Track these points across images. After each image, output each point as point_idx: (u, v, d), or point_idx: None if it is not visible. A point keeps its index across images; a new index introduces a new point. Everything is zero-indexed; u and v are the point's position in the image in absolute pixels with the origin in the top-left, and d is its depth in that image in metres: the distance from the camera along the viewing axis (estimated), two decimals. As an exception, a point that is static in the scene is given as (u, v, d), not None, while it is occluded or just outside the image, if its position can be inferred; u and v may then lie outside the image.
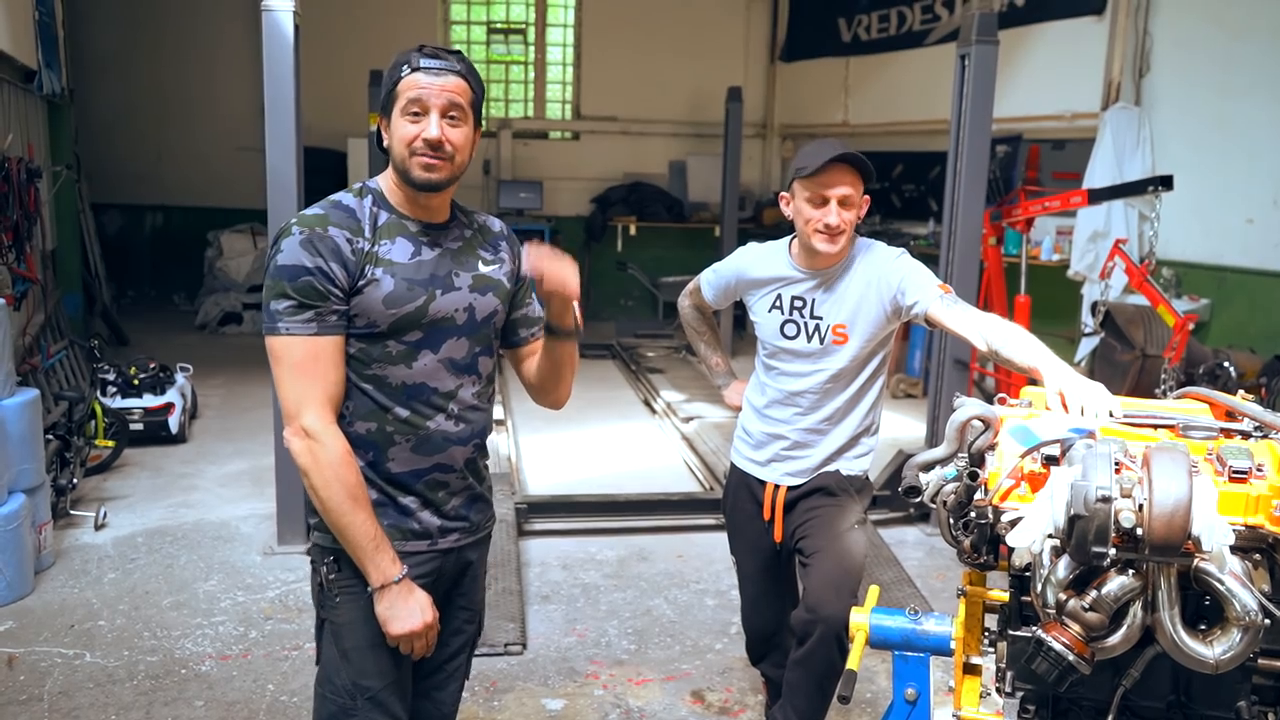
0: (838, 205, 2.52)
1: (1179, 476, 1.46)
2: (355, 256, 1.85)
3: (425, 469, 1.96)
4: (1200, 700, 1.65)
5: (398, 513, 1.96)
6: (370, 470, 1.92)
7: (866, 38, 9.97)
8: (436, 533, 2.00)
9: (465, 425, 2.00)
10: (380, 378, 1.91)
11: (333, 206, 1.90)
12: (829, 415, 2.70)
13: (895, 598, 4.06)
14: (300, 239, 1.83)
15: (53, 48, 7.12)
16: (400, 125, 1.88)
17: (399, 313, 1.87)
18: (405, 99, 1.87)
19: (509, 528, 4.63)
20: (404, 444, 1.93)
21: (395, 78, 1.88)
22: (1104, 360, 6.14)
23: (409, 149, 1.87)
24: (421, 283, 1.90)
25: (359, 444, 1.91)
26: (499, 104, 11.50)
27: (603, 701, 3.41)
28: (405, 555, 1.94)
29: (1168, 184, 5.46)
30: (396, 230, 1.92)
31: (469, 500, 2.06)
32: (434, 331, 1.92)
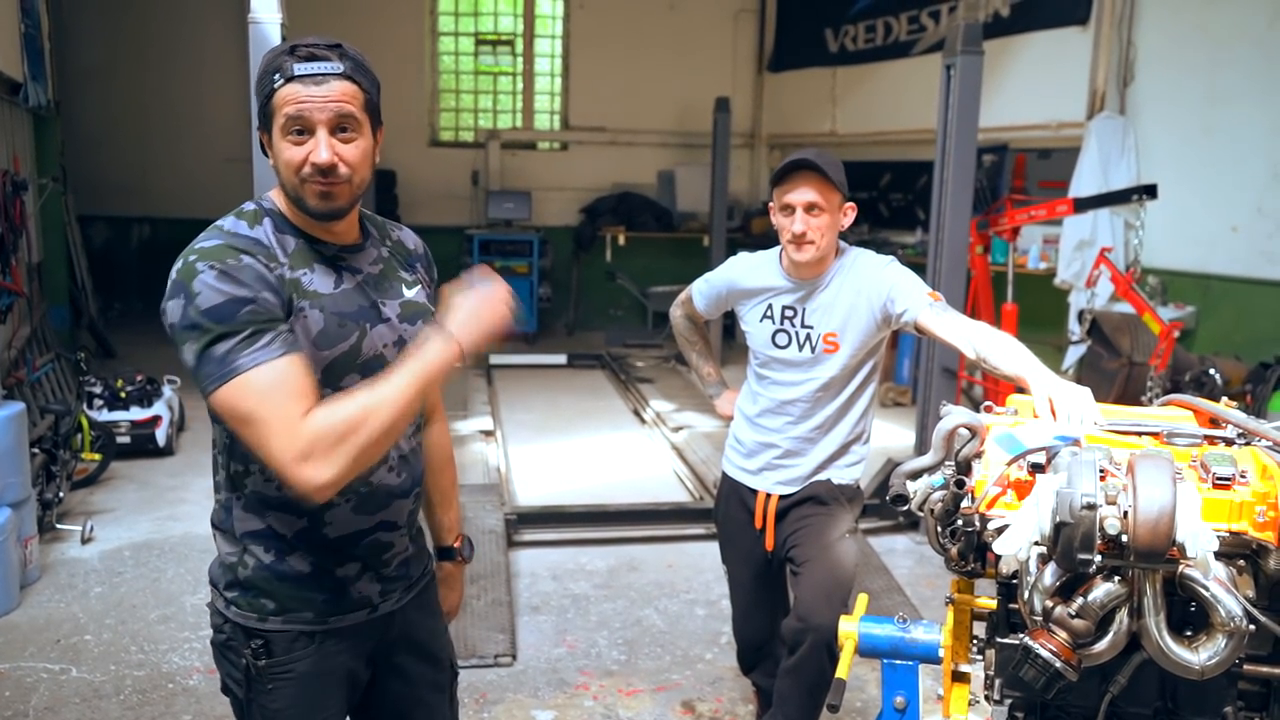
0: (803, 213, 2.54)
1: (1163, 483, 1.47)
2: (280, 284, 1.55)
3: (368, 529, 1.70)
4: (1187, 706, 1.66)
5: (332, 588, 1.69)
6: (301, 540, 1.66)
7: (853, 48, 10.03)
8: (377, 597, 1.75)
9: (405, 475, 1.76)
10: None
11: (232, 236, 1.58)
12: (820, 424, 2.71)
13: (885, 606, 4.06)
14: (214, 274, 1.49)
15: (38, 60, 7.10)
16: (284, 147, 1.57)
17: (332, 354, 1.60)
18: (284, 116, 1.55)
19: (498, 539, 4.62)
20: (344, 505, 1.66)
21: (268, 89, 1.56)
22: (1091, 368, 6.17)
23: (298, 175, 1.57)
24: (352, 316, 1.63)
25: (289, 509, 1.62)
26: (487, 114, 11.52)
27: (593, 712, 3.41)
28: (342, 631, 1.71)
29: (1152, 193, 5.50)
30: (310, 257, 1.63)
31: (409, 557, 1.83)
32: (368, 371, 1.61)
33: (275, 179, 1.65)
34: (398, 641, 1.84)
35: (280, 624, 1.67)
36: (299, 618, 1.68)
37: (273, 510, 1.65)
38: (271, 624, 1.67)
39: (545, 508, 5.20)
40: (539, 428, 7.10)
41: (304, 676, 1.69)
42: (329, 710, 1.74)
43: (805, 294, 2.66)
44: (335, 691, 1.75)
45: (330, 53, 1.58)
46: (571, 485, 5.79)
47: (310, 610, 1.69)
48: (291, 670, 1.68)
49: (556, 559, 4.71)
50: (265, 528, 1.66)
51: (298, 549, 1.67)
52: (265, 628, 1.67)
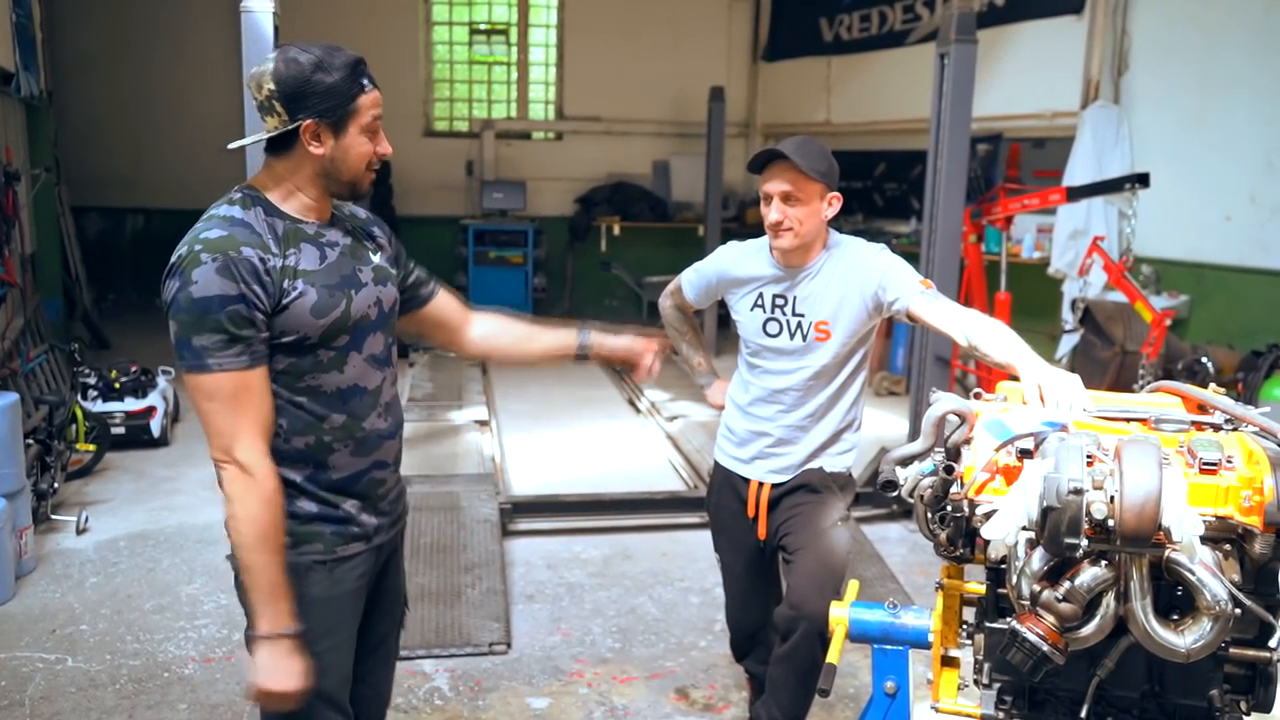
0: (779, 201, 2.54)
1: (1150, 469, 1.49)
2: (271, 275, 1.80)
3: (365, 469, 1.97)
4: (1173, 689, 1.68)
5: (338, 522, 1.96)
6: (310, 483, 1.92)
7: (848, 37, 10.01)
8: (374, 531, 2.02)
9: (391, 418, 2.03)
10: (314, 388, 1.89)
11: (232, 225, 1.81)
12: (812, 412, 2.71)
13: (878, 593, 4.08)
14: (216, 266, 1.73)
15: (30, 50, 7.07)
16: (359, 141, 1.89)
17: (328, 321, 1.86)
18: (370, 116, 1.89)
19: (493, 528, 4.63)
20: (343, 450, 1.93)
21: (355, 92, 1.86)
22: (1084, 357, 6.19)
23: (366, 165, 1.91)
24: (339, 285, 1.90)
25: (297, 459, 1.90)
26: (481, 104, 11.49)
27: (587, 700, 3.42)
28: (348, 559, 1.97)
29: (1145, 181, 5.50)
30: (298, 237, 1.88)
31: (398, 494, 2.11)
32: (358, 331, 1.93)
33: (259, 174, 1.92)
34: (382, 573, 2.10)
35: (295, 556, 1.89)
36: (311, 550, 1.92)
37: (283, 463, 1.88)
38: (289, 556, 1.86)
39: (540, 497, 5.21)
40: (534, 417, 7.11)
41: (318, 600, 1.92)
42: (342, 633, 1.98)
43: (795, 282, 2.66)
44: (346, 616, 1.98)
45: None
46: (566, 474, 5.80)
47: (320, 542, 1.94)
48: (307, 594, 1.89)
49: (551, 548, 4.73)
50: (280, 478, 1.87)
51: (306, 492, 1.92)
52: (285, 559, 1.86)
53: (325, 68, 1.82)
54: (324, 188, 1.91)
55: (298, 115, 1.83)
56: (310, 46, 1.86)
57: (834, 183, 2.60)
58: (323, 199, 1.93)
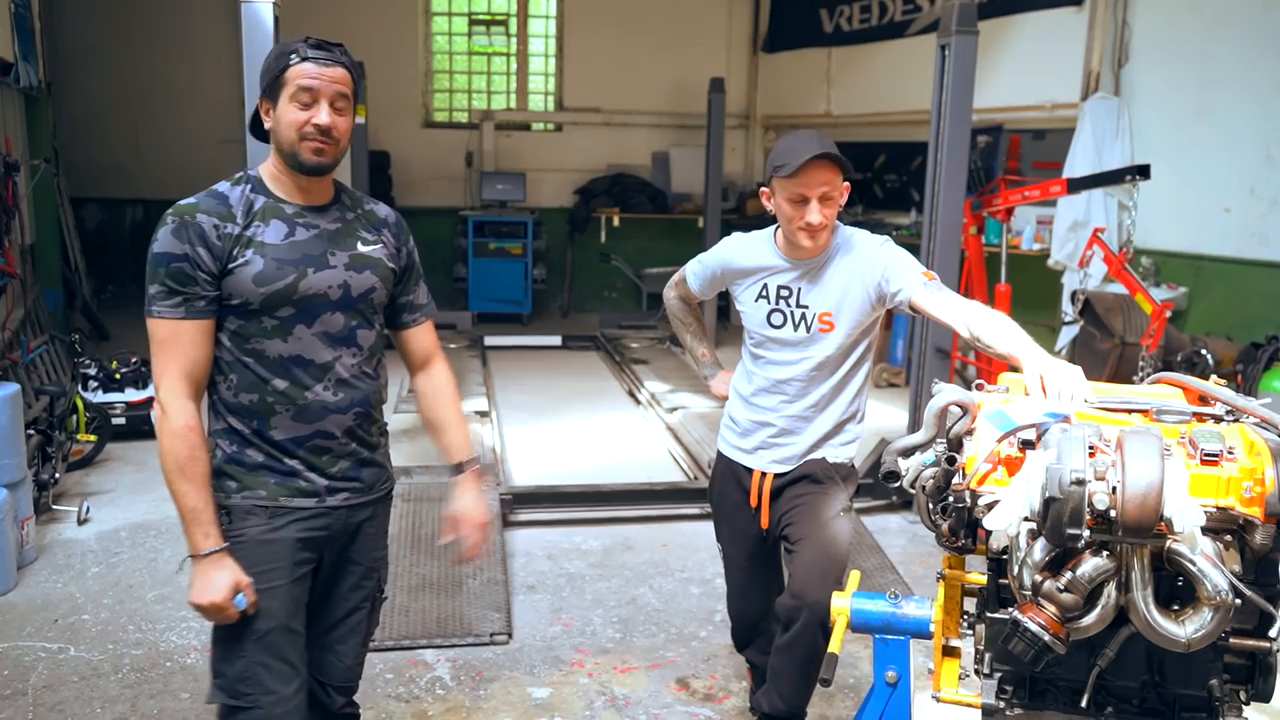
0: (818, 203, 2.53)
1: (1151, 459, 1.49)
2: (222, 241, 1.98)
3: (306, 435, 2.08)
4: (1173, 679, 1.69)
5: (283, 474, 2.08)
6: (256, 437, 2.07)
7: (848, 28, 9.99)
8: (324, 491, 2.11)
9: (344, 394, 2.11)
10: (259, 351, 2.04)
11: (207, 195, 2.03)
12: (815, 402, 2.72)
13: (878, 584, 4.09)
14: (172, 228, 1.97)
15: (29, 40, 7.05)
16: (289, 111, 1.99)
17: (268, 290, 1.99)
18: (295, 86, 1.98)
19: (494, 518, 4.64)
20: (284, 413, 2.06)
21: (283, 65, 1.99)
22: (1084, 348, 6.20)
23: (299, 134, 1.99)
24: (292, 261, 2.02)
25: (243, 413, 2.06)
26: (481, 95, 11.46)
27: (588, 690, 3.44)
28: (292, 510, 2.08)
29: (1145, 173, 5.50)
30: (272, 213, 2.04)
31: (357, 464, 2.17)
32: (307, 307, 2.04)
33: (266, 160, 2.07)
34: (341, 538, 2.17)
35: (240, 499, 2.07)
36: (254, 495, 2.07)
37: (232, 414, 2.07)
38: (234, 499, 2.06)
39: (540, 488, 5.21)
40: (534, 409, 7.12)
41: (254, 541, 2.05)
42: (274, 578, 2.05)
43: (801, 274, 2.67)
44: (280, 563, 2.07)
45: (335, 48, 2.03)
46: (566, 466, 5.81)
47: (264, 489, 2.08)
48: (244, 534, 2.05)
49: (552, 539, 4.74)
50: (227, 426, 2.08)
51: (253, 444, 2.07)
52: (229, 502, 2.06)
53: (273, 51, 2.03)
54: (284, 163, 2.04)
55: (260, 97, 2.05)
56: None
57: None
58: (298, 177, 2.05)
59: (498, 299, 10.23)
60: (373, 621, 2.32)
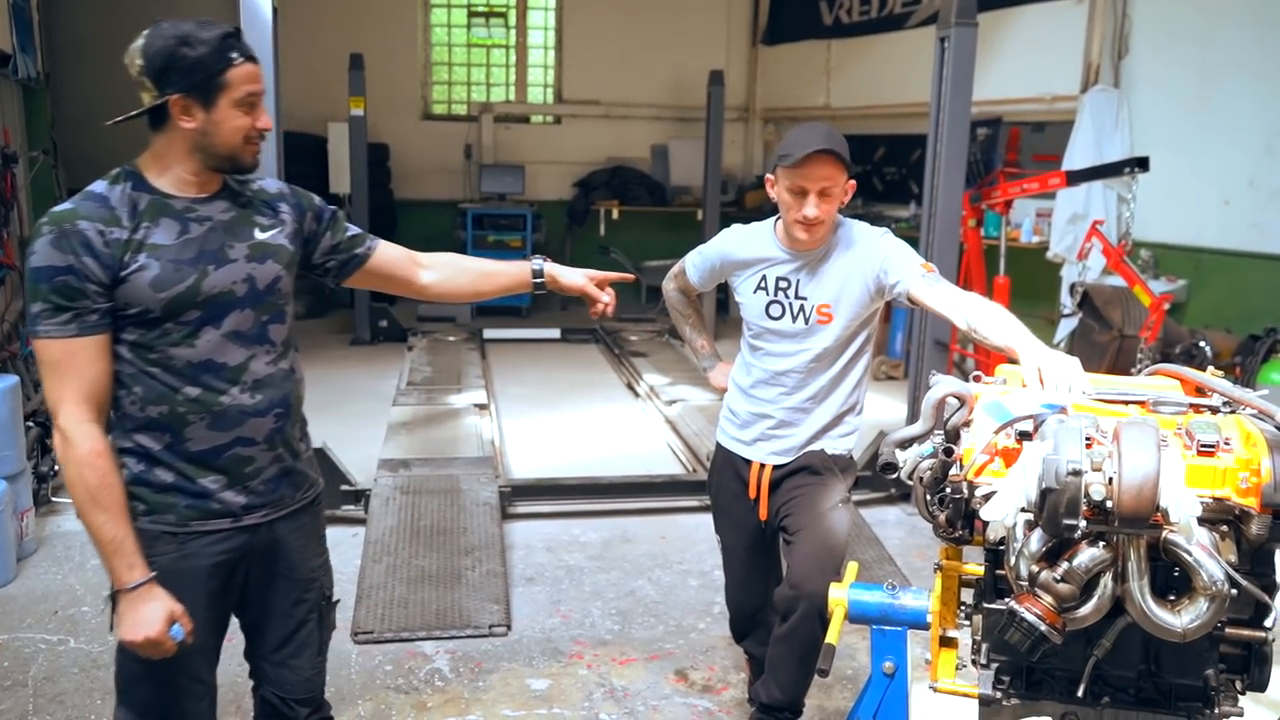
0: (816, 197, 2.53)
1: (1148, 450, 1.50)
2: (110, 248, 1.82)
3: (226, 444, 1.95)
4: (1170, 669, 1.70)
5: (194, 495, 1.95)
6: (167, 453, 1.93)
7: (848, 20, 9.97)
8: (240, 510, 1.99)
9: (262, 396, 1.98)
10: (165, 360, 1.90)
11: (84, 199, 1.87)
12: (813, 394, 2.73)
13: (876, 576, 4.10)
14: (50, 238, 1.80)
15: (27, 31, 7.04)
16: (233, 115, 1.89)
17: (169, 295, 1.86)
18: (244, 91, 1.90)
19: (493, 511, 4.65)
20: (199, 422, 1.92)
21: (223, 65, 1.87)
22: (1082, 341, 6.20)
23: (245, 139, 1.92)
24: (189, 261, 1.88)
25: (153, 427, 1.91)
26: (480, 87, 11.45)
27: (587, 681, 3.45)
28: (205, 534, 1.96)
29: (1144, 165, 5.50)
30: (159, 211, 1.89)
31: (279, 474, 2.05)
32: (212, 307, 1.91)
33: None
34: (265, 555, 2.07)
35: (148, 523, 1.93)
36: (163, 519, 1.94)
37: (140, 430, 1.92)
38: (141, 522, 1.92)
39: (539, 480, 5.22)
40: (533, 401, 7.12)
41: (164, 571, 1.91)
42: (188, 606, 1.93)
43: (799, 265, 2.67)
44: (195, 590, 1.96)
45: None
46: (565, 458, 5.81)
47: (173, 514, 1.95)
48: (154, 563, 1.91)
49: (550, 531, 4.74)
50: (134, 445, 1.93)
51: (162, 462, 1.93)
52: (136, 525, 1.90)
53: (191, 42, 1.85)
54: (202, 161, 1.92)
55: (165, 90, 1.86)
56: (182, 21, 1.89)
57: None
58: (202, 173, 1.94)
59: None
60: (325, 629, 2.24)
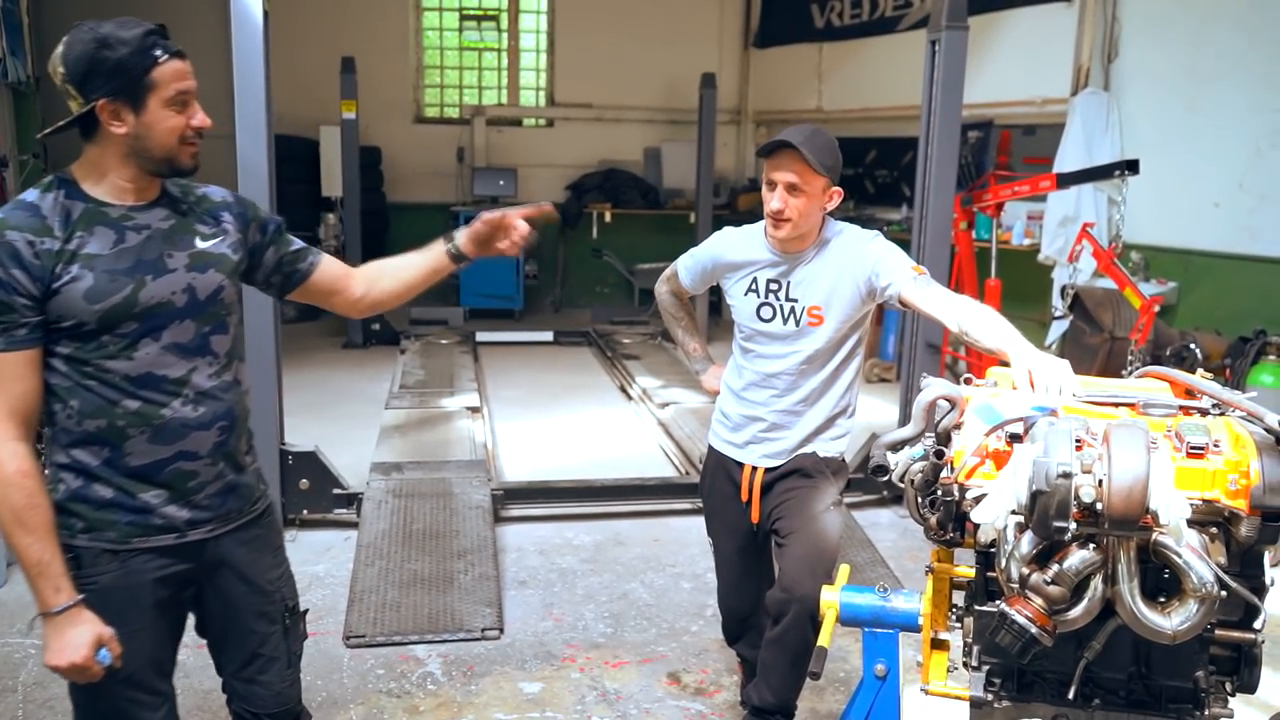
0: (784, 191, 2.55)
1: (1138, 452, 1.50)
2: (41, 259, 1.75)
3: (168, 458, 1.89)
4: (1160, 670, 1.70)
5: (135, 511, 1.89)
6: (106, 469, 1.87)
7: (839, 24, 10.00)
8: (184, 526, 1.94)
9: (205, 409, 1.92)
10: (102, 373, 1.83)
11: (14, 208, 1.81)
12: (805, 397, 2.73)
13: (869, 578, 4.10)
14: None
15: (17, 34, 7.02)
16: (165, 115, 1.82)
17: (104, 306, 1.79)
18: (174, 89, 1.82)
19: (485, 514, 4.64)
20: (139, 436, 1.86)
21: (148, 64, 1.79)
22: (1074, 343, 6.22)
23: (180, 139, 1.85)
24: (125, 271, 1.82)
25: (91, 441, 1.85)
26: (472, 90, 11.44)
27: (579, 684, 3.44)
28: (148, 551, 1.91)
29: (1134, 168, 5.52)
30: (94, 220, 1.82)
31: (224, 489, 1.99)
32: (150, 318, 1.84)
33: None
34: (217, 569, 2.02)
35: (87, 541, 1.88)
36: (103, 536, 1.88)
37: (77, 445, 1.86)
38: (80, 540, 1.87)
39: (532, 483, 5.22)
40: (526, 404, 7.12)
41: (106, 589, 1.88)
42: (135, 622, 1.91)
43: (789, 268, 2.68)
44: (140, 606, 1.92)
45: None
46: (558, 461, 5.81)
47: (113, 531, 1.89)
48: (96, 582, 1.87)
49: (543, 534, 4.74)
50: (71, 460, 1.87)
51: (101, 477, 1.87)
52: (75, 543, 1.87)
53: (110, 44, 1.78)
54: (139, 167, 1.85)
55: (90, 96, 1.80)
56: (100, 23, 1.82)
57: (837, 177, 2.61)
58: (139, 179, 1.87)
59: (489, 294, 10.21)
60: (293, 640, 2.18)
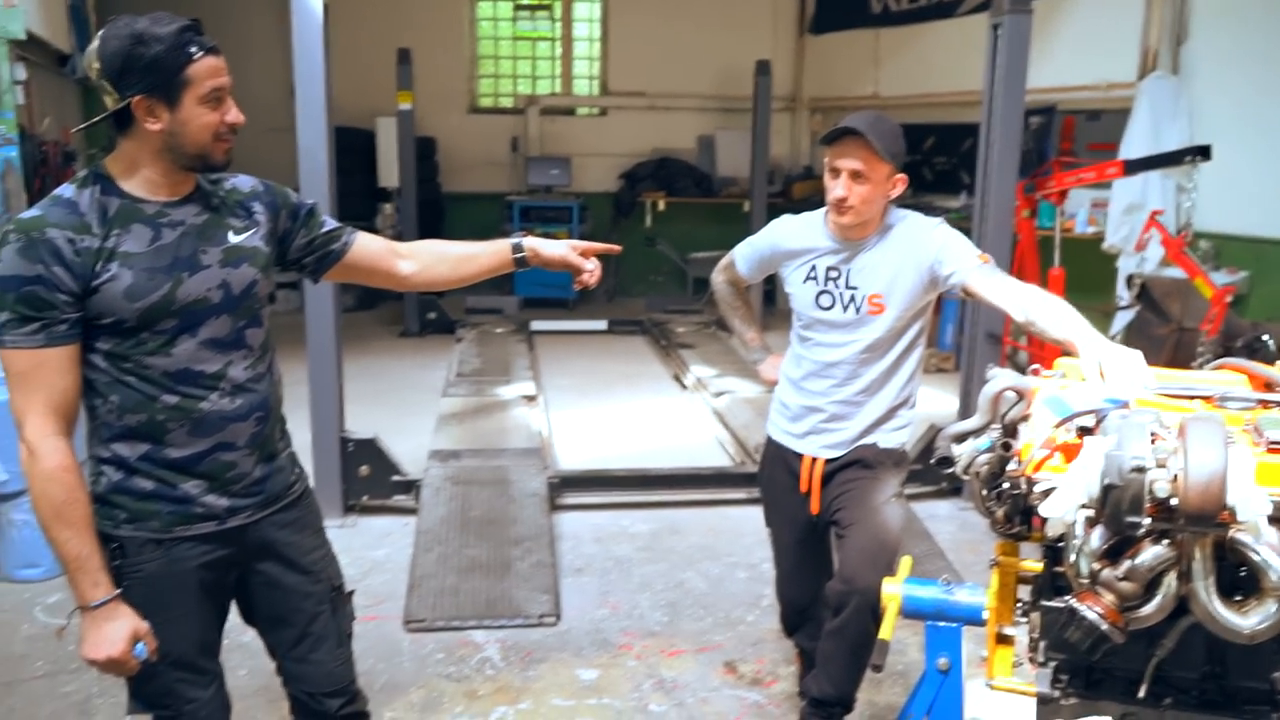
0: (848, 178, 2.52)
1: (1215, 446, 1.46)
2: (81, 257, 1.77)
3: (206, 450, 1.93)
4: (1235, 671, 1.66)
5: (176, 501, 1.93)
6: (145, 462, 1.90)
7: (897, 8, 9.84)
8: (224, 513, 1.97)
9: (242, 401, 1.96)
10: (141, 369, 1.86)
11: (52, 204, 1.81)
12: (865, 387, 2.70)
13: (928, 570, 4.06)
14: (18, 247, 1.75)
15: (84, 30, 7.19)
16: (201, 112, 1.83)
17: (144, 304, 1.82)
18: (208, 86, 1.82)
19: (542, 501, 4.68)
20: (179, 429, 1.90)
21: (183, 61, 1.80)
22: (1140, 334, 6.07)
23: (214, 135, 1.85)
24: (164, 269, 1.84)
25: (131, 436, 1.89)
26: (526, 80, 11.48)
27: (636, 672, 3.46)
28: (191, 539, 1.94)
29: (1205, 154, 5.37)
30: (130, 216, 1.84)
31: (261, 476, 2.03)
32: (188, 315, 1.87)
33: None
34: (259, 552, 2.06)
35: (131, 530, 1.91)
36: (146, 526, 1.92)
37: (118, 439, 1.90)
38: (124, 530, 1.91)
39: (588, 471, 5.24)
40: (580, 392, 7.15)
41: (152, 577, 1.92)
42: (181, 607, 1.96)
43: (850, 255, 2.65)
44: (185, 592, 1.97)
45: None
46: (613, 449, 5.83)
47: (156, 520, 1.92)
48: (141, 570, 1.91)
49: (599, 522, 4.76)
50: (112, 454, 1.91)
51: (141, 470, 1.90)
52: (119, 533, 1.90)
53: (146, 40, 1.79)
54: (172, 162, 1.86)
55: (126, 92, 1.80)
56: (136, 18, 1.83)
57: (900, 164, 2.57)
58: (173, 174, 1.88)
59: (543, 284, 10.25)
60: (341, 619, 2.21)
